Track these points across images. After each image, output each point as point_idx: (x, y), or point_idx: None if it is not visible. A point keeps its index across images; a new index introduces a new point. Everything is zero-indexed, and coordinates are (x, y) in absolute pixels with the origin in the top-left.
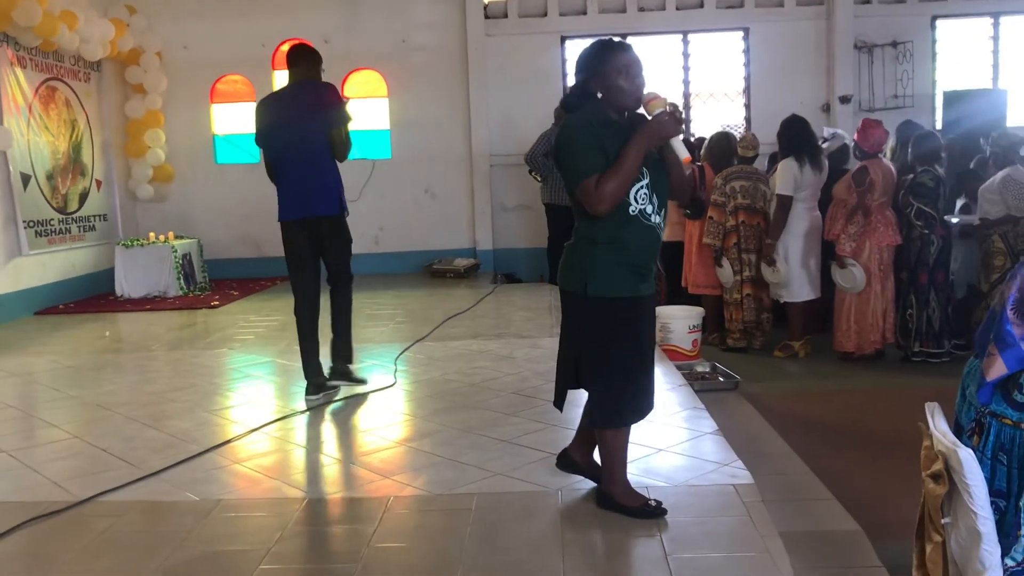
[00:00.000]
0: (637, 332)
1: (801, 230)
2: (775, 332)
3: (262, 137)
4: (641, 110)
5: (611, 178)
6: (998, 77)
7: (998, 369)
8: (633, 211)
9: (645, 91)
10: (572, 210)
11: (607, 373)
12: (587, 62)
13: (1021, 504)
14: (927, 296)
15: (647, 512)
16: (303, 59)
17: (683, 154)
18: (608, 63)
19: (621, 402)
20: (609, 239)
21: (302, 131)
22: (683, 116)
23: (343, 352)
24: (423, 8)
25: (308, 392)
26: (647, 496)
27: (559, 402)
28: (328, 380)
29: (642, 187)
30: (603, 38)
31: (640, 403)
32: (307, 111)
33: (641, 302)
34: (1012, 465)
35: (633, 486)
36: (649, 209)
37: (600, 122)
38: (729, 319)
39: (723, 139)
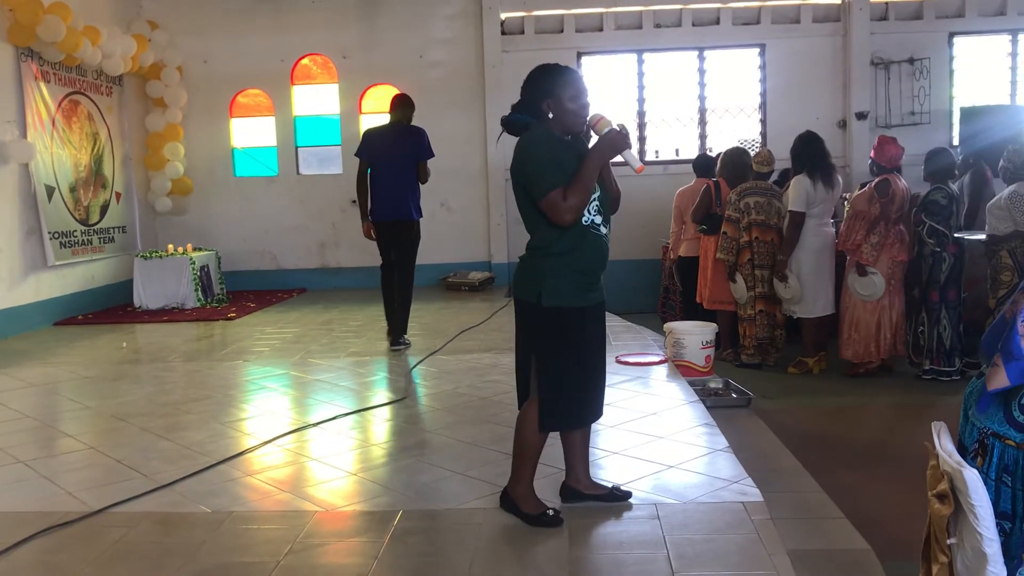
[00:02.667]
0: (584, 341)
1: (814, 246)
2: (789, 349)
3: (367, 155)
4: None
5: (576, 191)
6: (1016, 94)
7: (1000, 381)
8: (586, 222)
9: (591, 113)
10: (525, 221)
11: (555, 379)
12: (541, 84)
13: None
14: (938, 314)
15: (544, 521)
16: (405, 106)
17: (636, 164)
18: (562, 87)
19: (569, 405)
20: (565, 250)
21: (400, 159)
22: (628, 132)
23: (398, 327)
24: (440, 24)
25: (391, 343)
26: (547, 505)
27: (521, 403)
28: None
29: (595, 200)
30: (550, 63)
31: (584, 410)
32: (406, 146)
33: (589, 311)
34: (1016, 487)
35: (644, 502)
36: (599, 220)
37: (556, 140)
38: (743, 335)
39: (738, 155)
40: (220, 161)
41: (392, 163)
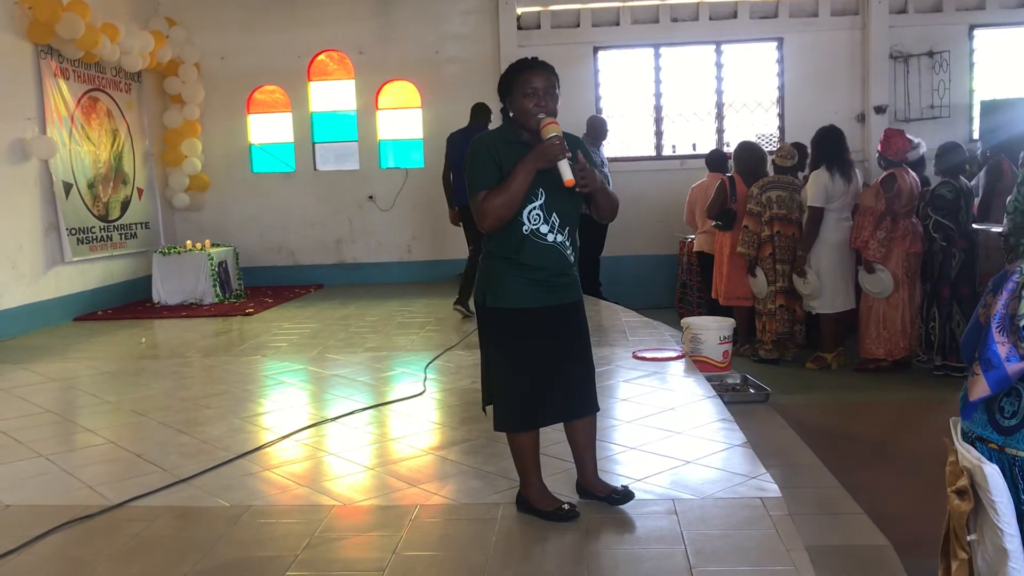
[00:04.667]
0: (533, 342)
1: (834, 241)
2: (806, 344)
3: (448, 156)
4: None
5: (496, 196)
6: None
7: (981, 390)
8: (526, 231)
9: (546, 117)
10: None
11: (503, 380)
12: (500, 84)
13: None
14: (950, 309)
15: (559, 515)
16: (479, 113)
17: (567, 176)
18: (516, 84)
19: (517, 406)
20: (506, 255)
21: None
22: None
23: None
24: (456, 20)
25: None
26: (561, 500)
27: (485, 403)
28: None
29: (535, 207)
30: (524, 57)
31: (538, 410)
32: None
33: (546, 313)
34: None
35: (662, 497)
36: (544, 228)
37: (505, 140)
38: (761, 330)
39: (749, 149)
40: (237, 157)
41: (462, 161)
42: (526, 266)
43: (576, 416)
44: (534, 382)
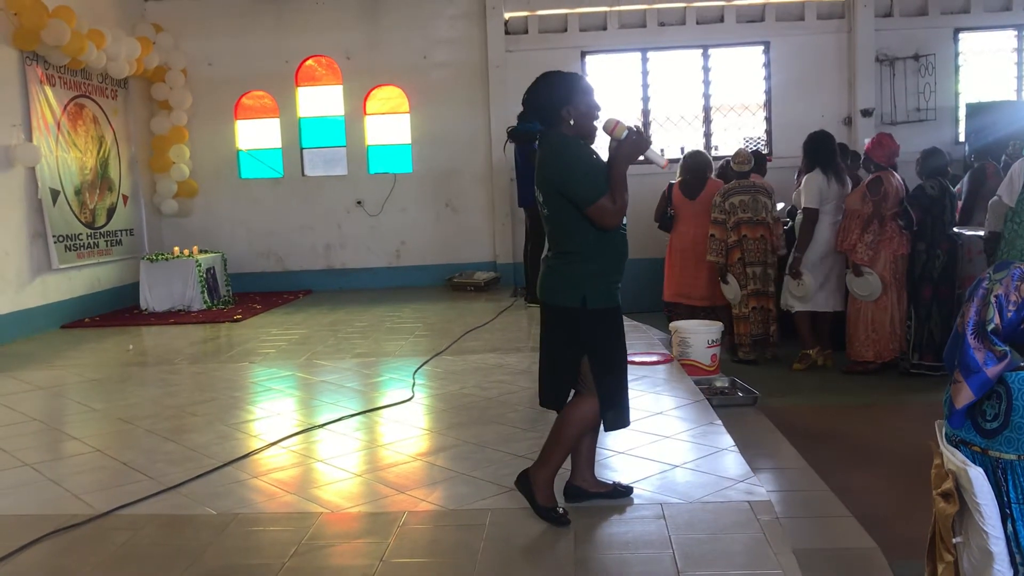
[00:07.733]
0: (624, 339)
1: (826, 241)
2: (790, 344)
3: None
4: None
5: (620, 195)
6: (1022, 89)
7: (965, 396)
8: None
9: (606, 118)
10: (556, 227)
11: (615, 378)
12: (558, 91)
13: (1008, 532)
14: (929, 310)
15: (554, 516)
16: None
17: (660, 161)
18: (581, 93)
19: (626, 401)
20: (601, 252)
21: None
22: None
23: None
24: (444, 25)
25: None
26: (558, 503)
27: (560, 402)
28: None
29: None
30: (555, 71)
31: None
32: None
33: (619, 310)
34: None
35: (650, 502)
36: (624, 220)
37: (583, 146)
38: (738, 333)
39: (697, 157)
40: (225, 163)
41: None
42: (613, 260)
43: None
44: (627, 377)
